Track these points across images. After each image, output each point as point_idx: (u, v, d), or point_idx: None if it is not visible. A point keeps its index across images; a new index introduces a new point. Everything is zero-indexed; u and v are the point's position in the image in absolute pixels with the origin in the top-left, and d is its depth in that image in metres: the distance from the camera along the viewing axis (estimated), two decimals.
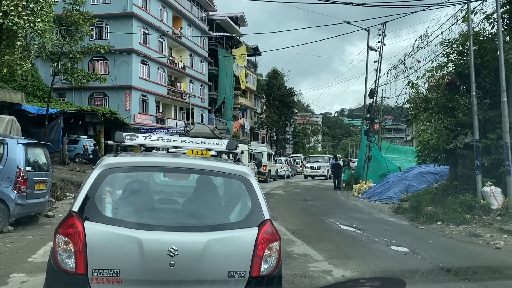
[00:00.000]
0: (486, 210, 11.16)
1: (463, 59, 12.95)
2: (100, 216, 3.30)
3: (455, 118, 12.48)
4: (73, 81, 21.34)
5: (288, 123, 62.68)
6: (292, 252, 7.96)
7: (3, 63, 14.31)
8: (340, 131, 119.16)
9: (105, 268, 3.12)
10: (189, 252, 3.20)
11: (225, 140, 4.35)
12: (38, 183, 9.57)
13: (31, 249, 7.53)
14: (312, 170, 36.41)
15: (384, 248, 8.84)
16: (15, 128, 12.56)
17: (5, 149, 8.90)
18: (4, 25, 13.84)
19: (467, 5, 12.59)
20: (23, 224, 9.60)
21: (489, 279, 6.19)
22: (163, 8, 37.32)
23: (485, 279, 6.25)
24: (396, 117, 40.87)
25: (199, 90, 44.56)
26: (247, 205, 3.57)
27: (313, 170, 36.35)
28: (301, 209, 15.23)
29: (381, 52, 24.13)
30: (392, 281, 2.00)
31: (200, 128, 19.20)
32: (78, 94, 32.47)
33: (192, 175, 3.93)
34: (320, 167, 36.16)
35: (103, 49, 20.95)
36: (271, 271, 3.37)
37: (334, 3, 12.58)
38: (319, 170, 36.07)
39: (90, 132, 26.84)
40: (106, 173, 3.43)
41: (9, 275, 5.94)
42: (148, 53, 34.27)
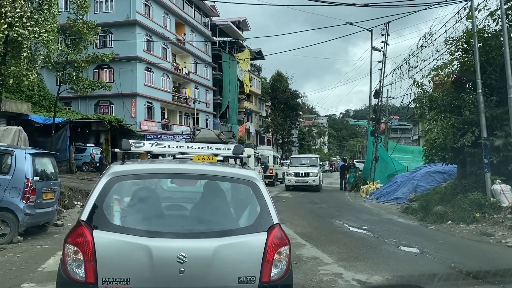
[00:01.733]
0: (496, 208, 11.05)
1: (468, 56, 12.88)
2: (109, 224, 3.30)
3: (462, 116, 12.39)
4: (78, 90, 21.48)
5: (293, 126, 62.65)
6: (302, 255, 7.92)
7: (9, 74, 14.42)
8: (346, 132, 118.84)
9: (115, 277, 3.11)
10: (199, 259, 3.18)
11: (232, 145, 4.34)
12: (46, 192, 9.60)
13: (41, 259, 7.55)
14: (297, 178, 24.41)
15: (394, 249, 8.77)
16: (22, 138, 12.65)
17: (13, 159, 8.95)
18: (9, 37, 13.96)
19: (471, 2, 12.53)
20: (32, 234, 9.63)
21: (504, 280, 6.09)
22: (166, 15, 37.50)
23: (500, 279, 6.16)
24: (402, 117, 40.62)
25: (203, 95, 44.66)
26: (255, 209, 3.55)
27: (299, 179, 24.33)
28: (309, 212, 15.17)
29: (385, 52, 24.05)
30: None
31: (206, 133, 19.25)
32: (83, 102, 32.66)
33: (200, 180, 3.92)
34: (309, 174, 24.23)
35: (107, 58, 21.08)
36: (282, 276, 3.34)
37: (336, 4, 12.58)
38: (308, 179, 24.04)
39: (96, 140, 26.98)
40: (114, 181, 3.43)
41: (20, 285, 5.96)
42: (152, 60, 34.43)
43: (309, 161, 26.10)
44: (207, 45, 46.14)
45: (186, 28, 41.08)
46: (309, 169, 24.62)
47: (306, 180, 24.12)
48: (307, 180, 24.12)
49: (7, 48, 14.72)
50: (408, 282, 6.31)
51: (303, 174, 24.32)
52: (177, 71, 39.32)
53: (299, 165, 25.07)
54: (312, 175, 24.18)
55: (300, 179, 24.29)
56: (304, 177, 24.26)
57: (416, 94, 15.35)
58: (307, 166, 24.84)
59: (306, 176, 24.24)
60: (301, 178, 24.27)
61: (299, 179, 24.27)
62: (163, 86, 36.80)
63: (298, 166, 25.05)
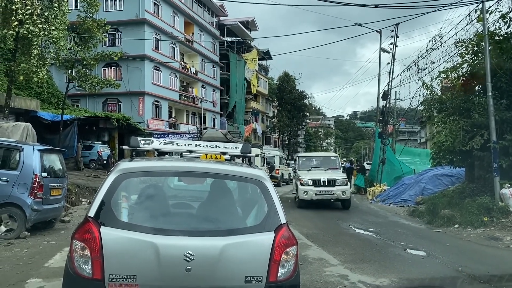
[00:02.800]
0: (504, 213, 10.94)
1: (478, 59, 12.77)
2: (116, 221, 3.29)
3: (471, 119, 12.29)
4: (87, 88, 21.60)
5: (300, 127, 62.53)
6: (307, 256, 7.89)
7: (19, 71, 14.53)
8: (353, 134, 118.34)
9: (122, 274, 3.11)
10: (206, 257, 3.17)
11: (240, 144, 4.33)
12: (54, 188, 9.66)
13: (48, 255, 7.58)
14: (318, 189, 16.12)
15: (400, 252, 8.71)
16: (30, 134, 12.72)
17: (21, 155, 9.01)
18: (19, 34, 14.06)
19: (482, 4, 12.42)
20: (39, 230, 9.69)
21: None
22: (175, 14, 37.61)
23: (507, 284, 6.10)
24: (409, 119, 40.40)
25: (211, 94, 44.73)
26: (263, 209, 3.53)
27: (321, 190, 16.09)
28: (315, 213, 15.11)
29: (393, 54, 23.94)
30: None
31: (212, 133, 19.29)
32: (92, 100, 32.83)
33: (207, 179, 3.91)
34: (335, 182, 16.22)
35: (116, 56, 21.17)
36: (289, 276, 3.32)
37: (347, 5, 12.53)
38: (335, 189, 16.08)
39: (104, 138, 27.09)
40: (122, 178, 3.43)
41: (26, 280, 5.98)
42: (161, 58, 34.55)
43: (326, 162, 17.91)
44: (215, 44, 46.21)
45: (195, 28, 41.18)
46: (334, 174, 16.56)
47: (332, 191, 15.78)
48: (334, 191, 15.78)
49: (17, 45, 14.84)
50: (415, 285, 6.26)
51: (327, 183, 15.90)
52: (184, 70, 39.42)
53: (314, 169, 17.21)
54: (341, 183, 15.93)
55: (322, 189, 15.83)
56: (329, 186, 15.89)
57: (425, 97, 15.27)
58: (324, 170, 17.02)
59: (331, 186, 15.88)
60: (324, 189, 15.83)
61: (322, 190, 15.80)
62: (171, 85, 36.91)
63: (312, 169, 17.10)
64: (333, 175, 16.46)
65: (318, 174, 16.55)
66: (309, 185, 16.00)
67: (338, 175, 16.60)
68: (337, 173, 17.01)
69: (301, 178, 16.36)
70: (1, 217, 8.80)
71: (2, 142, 9.43)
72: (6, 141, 9.59)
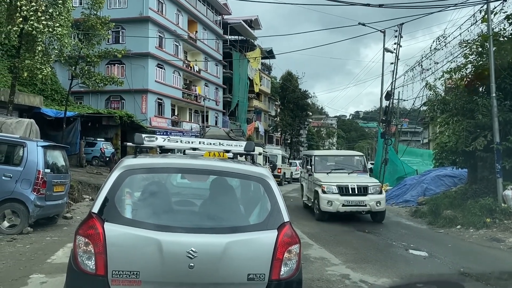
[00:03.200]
0: (507, 214, 10.91)
1: (482, 60, 12.73)
2: (120, 217, 3.30)
3: (474, 120, 12.27)
4: (90, 85, 21.62)
5: (302, 126, 62.52)
6: (309, 255, 7.89)
7: (23, 68, 14.56)
8: (355, 133, 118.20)
9: (125, 270, 3.12)
10: (209, 254, 3.18)
11: (243, 142, 4.33)
12: (57, 185, 9.69)
13: (50, 250, 7.62)
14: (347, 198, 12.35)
15: (402, 252, 8.71)
16: (34, 131, 12.75)
17: (25, 151, 9.04)
18: (24, 30, 14.09)
19: (487, 5, 12.38)
20: (42, 226, 9.73)
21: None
22: (179, 12, 37.62)
23: (510, 285, 6.08)
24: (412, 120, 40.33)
25: (213, 93, 44.75)
26: (266, 207, 3.54)
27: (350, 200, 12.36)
28: None
29: (397, 54, 23.86)
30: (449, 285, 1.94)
31: (215, 131, 19.29)
32: (95, 97, 32.89)
33: (210, 176, 3.91)
34: (367, 190, 12.52)
35: (119, 53, 21.17)
36: (291, 275, 3.33)
37: (351, 4, 12.50)
38: (367, 199, 12.36)
39: (107, 135, 27.16)
40: (126, 174, 3.44)
41: (29, 275, 6.01)
42: (164, 56, 34.58)
43: (348, 163, 14.32)
44: (219, 43, 46.22)
45: (198, 26, 41.18)
46: (364, 180, 13.01)
47: (364, 201, 12.19)
48: (366, 201, 12.19)
49: (21, 42, 14.86)
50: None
51: (357, 191, 12.33)
52: (188, 68, 39.44)
53: (335, 172, 13.55)
54: (374, 191, 12.40)
55: (352, 199, 12.22)
56: (359, 195, 12.30)
57: (428, 97, 15.23)
58: (348, 173, 13.57)
59: (362, 194, 12.30)
60: (353, 198, 12.25)
61: (351, 200, 12.20)
62: (174, 83, 36.95)
63: (332, 172, 13.48)
64: (363, 180, 12.87)
65: (344, 179, 12.88)
66: (334, 193, 12.23)
67: (370, 181, 13.03)
68: (367, 177, 13.56)
69: (323, 183, 12.40)
70: (4, 213, 8.84)
71: (6, 138, 9.47)
72: (10, 137, 9.62)
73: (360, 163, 14.34)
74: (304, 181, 15.56)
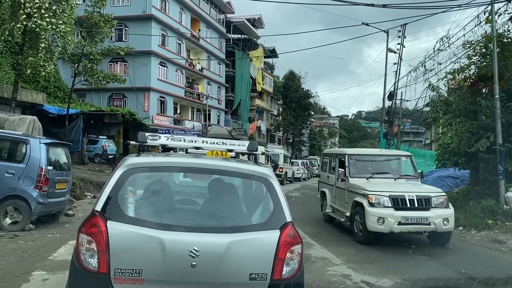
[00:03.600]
0: (509, 216, 10.90)
1: (486, 61, 12.70)
2: (123, 215, 3.31)
3: (477, 121, 12.24)
4: (93, 82, 21.68)
5: (304, 126, 62.49)
6: (310, 255, 7.89)
7: (27, 64, 14.60)
8: (357, 134, 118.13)
9: (127, 268, 3.12)
10: (211, 254, 3.18)
11: (246, 141, 4.33)
12: (59, 182, 9.71)
13: (52, 247, 7.63)
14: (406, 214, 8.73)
15: (403, 253, 8.68)
16: (37, 128, 12.77)
17: (28, 148, 9.06)
18: (27, 27, 14.12)
19: (491, 6, 12.34)
20: (44, 223, 9.76)
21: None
22: (182, 10, 37.63)
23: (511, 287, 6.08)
24: (415, 120, 40.26)
25: (216, 91, 44.77)
26: (269, 207, 3.54)
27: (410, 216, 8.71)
28: (318, 212, 15.06)
29: (400, 54, 23.82)
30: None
31: (217, 130, 19.25)
32: (97, 95, 32.95)
33: (213, 176, 3.92)
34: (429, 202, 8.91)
35: (122, 51, 21.23)
36: (293, 275, 3.33)
37: (354, 4, 12.49)
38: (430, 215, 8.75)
39: (109, 132, 27.21)
40: (129, 173, 3.44)
41: (31, 272, 6.03)
42: (167, 55, 34.60)
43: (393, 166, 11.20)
44: (221, 41, 46.22)
45: (201, 24, 41.19)
46: (422, 189, 9.84)
47: (428, 218, 8.86)
48: (430, 218, 8.86)
49: (25, 39, 14.89)
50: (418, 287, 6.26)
51: (417, 203, 9.05)
52: (190, 66, 39.47)
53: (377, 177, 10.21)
54: (438, 203, 9.17)
55: (411, 215, 8.87)
56: (421, 210, 9.01)
57: (431, 98, 15.20)
58: (394, 178, 10.23)
59: (424, 209, 9.02)
60: (414, 214, 8.90)
61: (411, 217, 8.86)
62: (176, 81, 36.97)
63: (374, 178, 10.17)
64: (422, 189, 9.60)
65: (395, 187, 9.47)
66: (386, 206, 8.81)
67: (432, 191, 9.60)
68: (422, 185, 10.28)
69: (370, 193, 9.03)
70: (6, 210, 8.87)
71: (9, 135, 9.50)
72: (13, 134, 9.65)
73: (409, 166, 10.90)
74: (327, 187, 11.98)
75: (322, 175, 13.00)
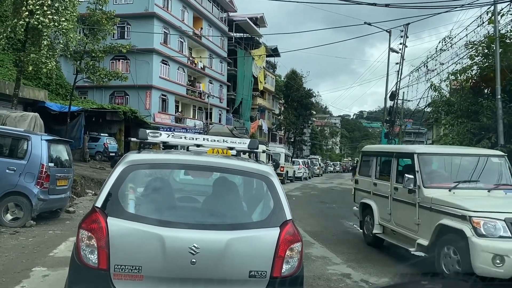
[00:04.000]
0: None
1: (488, 62, 12.69)
2: (123, 212, 3.32)
3: (479, 122, 12.23)
4: (95, 80, 21.70)
5: (306, 125, 62.48)
6: (310, 254, 7.89)
7: (29, 61, 14.62)
8: (359, 133, 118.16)
9: (127, 264, 3.13)
10: (211, 251, 3.18)
11: (247, 140, 4.33)
12: (60, 179, 9.72)
13: (53, 244, 7.65)
14: None
15: (403, 252, 8.67)
16: (38, 125, 12.79)
17: (29, 145, 9.07)
18: (30, 24, 14.13)
19: (494, 6, 12.32)
20: (45, 219, 9.77)
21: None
22: (184, 8, 37.62)
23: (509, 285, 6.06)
24: (416, 120, 40.17)
25: (217, 90, 44.76)
26: (269, 205, 3.54)
27: None
28: (319, 211, 15.11)
29: (402, 54, 23.80)
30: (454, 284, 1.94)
31: (219, 128, 19.27)
32: (99, 92, 32.97)
33: (214, 173, 3.92)
34: None
35: (124, 49, 21.23)
36: (293, 272, 3.33)
37: (357, 3, 12.46)
38: None
39: (110, 130, 27.22)
40: (130, 169, 3.45)
41: (31, 268, 6.04)
42: (169, 53, 34.59)
43: (482, 171, 7.37)
44: (224, 40, 46.19)
45: (204, 23, 41.16)
46: None
47: None
48: None
49: (27, 36, 14.90)
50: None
51: None
52: (192, 65, 39.47)
53: (465, 187, 6.96)
54: None
55: None
56: None
57: (433, 98, 15.18)
58: (487, 190, 6.99)
59: None
60: None
61: None
62: (178, 80, 36.97)
63: (458, 189, 6.86)
64: None
65: (505, 204, 6.63)
66: (503, 236, 5.73)
67: None
68: None
69: (475, 214, 5.91)
70: (7, 206, 8.88)
71: (10, 132, 9.50)
72: (14, 131, 9.66)
73: (504, 170, 7.62)
74: (374, 199, 8.89)
75: (363, 181, 9.65)
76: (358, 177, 10.00)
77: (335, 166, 71.03)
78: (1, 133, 9.39)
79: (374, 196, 8.90)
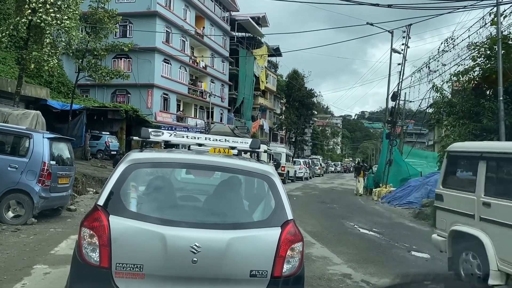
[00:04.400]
0: None
1: (490, 63, 12.66)
2: (125, 210, 3.32)
3: (481, 124, 12.21)
4: (97, 78, 21.71)
5: (307, 125, 62.44)
6: (311, 254, 7.90)
7: (31, 59, 14.63)
8: (360, 134, 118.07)
9: (129, 263, 3.14)
10: (212, 250, 3.19)
11: (249, 139, 4.33)
12: (62, 177, 9.73)
13: (54, 242, 7.66)
14: None
15: (404, 253, 8.69)
16: (40, 122, 12.82)
17: (31, 143, 9.09)
18: (32, 22, 14.14)
19: (497, 8, 12.30)
20: (46, 217, 9.78)
21: None
22: (187, 7, 37.62)
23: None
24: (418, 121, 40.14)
25: (219, 89, 44.76)
26: (270, 204, 3.55)
27: None
28: (319, 212, 15.12)
29: (405, 55, 23.79)
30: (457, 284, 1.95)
31: (220, 127, 19.25)
32: (101, 91, 32.99)
33: (215, 172, 3.92)
34: None
35: (126, 47, 21.24)
36: (294, 272, 3.34)
37: (359, 3, 12.46)
38: None
39: (112, 128, 27.26)
40: (132, 168, 3.45)
41: (32, 266, 6.06)
42: (171, 52, 34.60)
43: None
44: (226, 39, 46.18)
45: (206, 22, 41.16)
46: None
47: None
48: None
49: (29, 34, 14.93)
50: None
51: None
52: (194, 64, 39.47)
53: None
54: None
55: None
56: None
57: (435, 99, 15.16)
58: None
59: None
60: None
61: None
62: (180, 79, 36.98)
63: None
64: None
65: None
66: None
67: None
68: None
69: None
70: (9, 203, 8.90)
71: (13, 129, 9.52)
72: (16, 128, 9.68)
73: None
74: (480, 227, 5.66)
75: (455, 198, 6.37)
76: (443, 191, 6.84)
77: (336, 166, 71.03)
78: (3, 131, 9.41)
79: (483, 224, 5.60)
